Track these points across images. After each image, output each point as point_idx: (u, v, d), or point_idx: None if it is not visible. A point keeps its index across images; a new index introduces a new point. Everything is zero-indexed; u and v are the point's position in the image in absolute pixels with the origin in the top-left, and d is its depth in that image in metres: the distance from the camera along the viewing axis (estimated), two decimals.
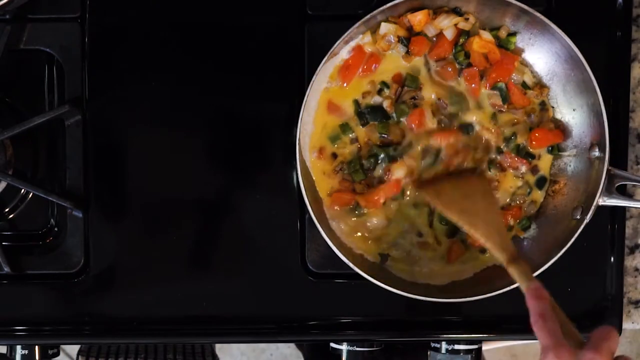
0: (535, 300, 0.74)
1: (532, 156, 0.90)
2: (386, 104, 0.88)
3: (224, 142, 0.93)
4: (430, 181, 0.89)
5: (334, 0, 0.92)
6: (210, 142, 0.93)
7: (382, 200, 0.88)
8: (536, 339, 0.71)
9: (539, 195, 0.91)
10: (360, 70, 0.88)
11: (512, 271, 0.80)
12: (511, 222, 0.91)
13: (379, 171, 0.89)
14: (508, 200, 0.91)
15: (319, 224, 0.85)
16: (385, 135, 0.88)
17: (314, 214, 0.85)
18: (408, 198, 0.89)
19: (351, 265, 0.85)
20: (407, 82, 0.88)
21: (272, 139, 0.92)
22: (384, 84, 0.88)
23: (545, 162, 0.91)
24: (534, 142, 0.90)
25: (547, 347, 0.69)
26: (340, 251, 0.85)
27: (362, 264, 0.88)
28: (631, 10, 0.92)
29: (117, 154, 0.92)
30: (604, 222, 0.93)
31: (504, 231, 0.86)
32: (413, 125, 0.88)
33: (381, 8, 0.84)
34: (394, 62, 0.88)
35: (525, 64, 0.90)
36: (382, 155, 0.88)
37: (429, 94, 0.89)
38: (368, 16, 0.84)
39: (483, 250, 0.91)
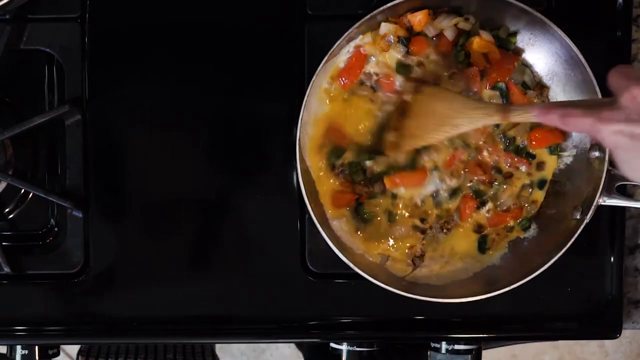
0: (549, 115, 0.73)
1: (532, 156, 0.90)
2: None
3: (224, 142, 0.93)
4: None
5: (334, 0, 0.92)
6: (210, 142, 0.93)
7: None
8: (535, 340, 0.71)
9: (539, 195, 0.91)
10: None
11: (514, 119, 0.80)
12: (511, 222, 0.91)
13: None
14: (512, 202, 0.91)
15: (319, 224, 0.85)
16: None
17: (314, 214, 0.85)
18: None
19: (351, 265, 0.85)
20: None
21: (272, 139, 0.92)
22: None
23: (550, 164, 0.91)
24: (534, 142, 0.90)
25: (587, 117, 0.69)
26: (340, 251, 0.85)
27: (362, 264, 0.88)
28: (631, 10, 0.92)
29: (117, 154, 0.92)
30: (604, 222, 0.93)
31: (478, 103, 0.85)
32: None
33: (381, 8, 0.84)
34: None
35: (525, 64, 0.90)
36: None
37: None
38: (368, 16, 0.83)
39: (483, 250, 0.91)
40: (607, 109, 0.68)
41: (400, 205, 0.90)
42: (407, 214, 0.90)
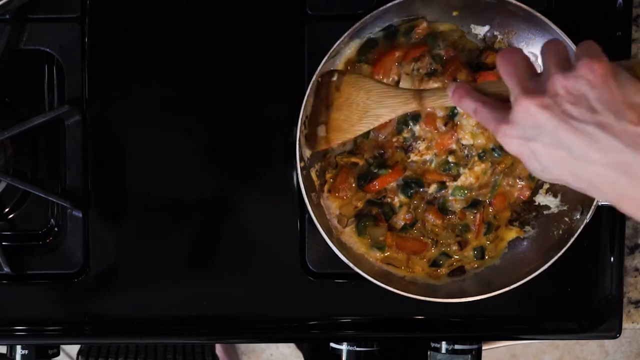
0: (463, 103, 0.70)
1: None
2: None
3: (224, 142, 0.93)
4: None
5: (334, 0, 0.92)
6: (210, 142, 0.93)
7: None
8: (535, 340, 0.71)
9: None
10: None
11: (430, 104, 0.78)
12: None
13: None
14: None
15: (319, 224, 0.85)
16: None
17: (314, 214, 0.85)
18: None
19: (351, 265, 0.85)
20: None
21: (272, 138, 0.92)
22: None
23: None
24: None
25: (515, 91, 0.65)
26: (340, 251, 0.85)
27: (362, 264, 0.88)
28: (631, 10, 0.92)
29: (117, 154, 0.92)
30: (604, 222, 0.93)
31: (395, 90, 0.82)
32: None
33: (381, 8, 0.84)
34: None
35: None
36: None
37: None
38: (367, 16, 0.84)
39: (482, 257, 0.92)
40: (504, 123, 0.66)
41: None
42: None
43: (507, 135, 0.66)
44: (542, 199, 0.92)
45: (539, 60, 0.89)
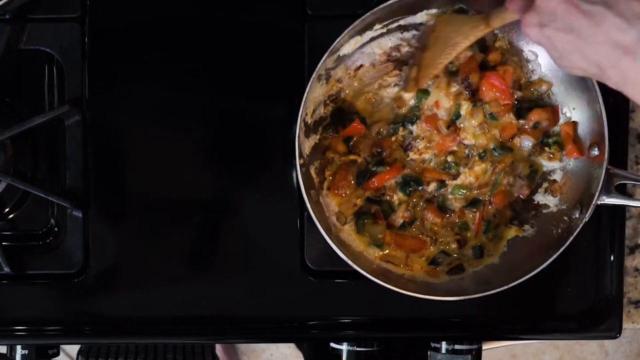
0: (513, 3, 0.77)
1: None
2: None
3: (224, 141, 0.93)
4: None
5: (334, 0, 0.92)
6: (210, 142, 0.93)
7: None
8: (535, 340, 0.71)
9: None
10: None
11: (495, 22, 0.82)
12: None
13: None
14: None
15: (318, 221, 0.85)
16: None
17: (313, 211, 0.85)
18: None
19: (350, 262, 0.85)
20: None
21: (272, 138, 0.92)
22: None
23: None
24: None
25: None
26: (339, 248, 0.85)
27: (361, 262, 0.88)
28: None
29: (117, 154, 0.92)
30: (604, 222, 0.93)
31: (468, 17, 0.86)
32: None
33: (381, 6, 0.84)
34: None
35: (527, 59, 0.90)
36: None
37: None
38: (366, 15, 0.84)
39: (481, 255, 0.92)
40: (528, 12, 0.73)
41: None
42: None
43: (528, 23, 0.73)
44: (541, 197, 0.92)
45: (539, 59, 0.89)
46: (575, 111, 0.89)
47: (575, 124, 0.88)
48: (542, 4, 0.71)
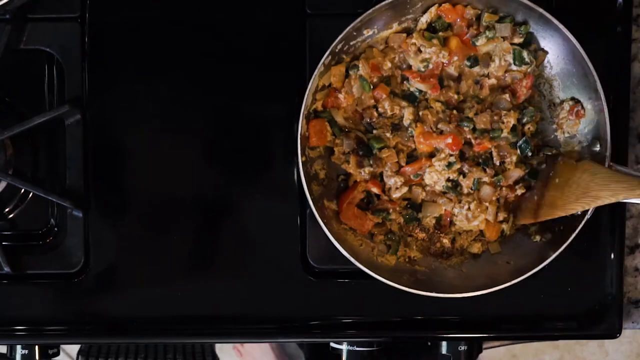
0: None
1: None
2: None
3: (224, 141, 0.93)
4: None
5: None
6: (210, 141, 0.93)
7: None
8: (535, 340, 0.71)
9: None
10: None
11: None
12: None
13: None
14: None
15: (320, 218, 0.85)
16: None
17: (315, 208, 0.85)
18: None
19: (352, 259, 0.85)
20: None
21: (273, 137, 0.92)
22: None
23: None
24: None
25: None
26: (340, 244, 0.85)
27: (363, 259, 0.88)
28: (631, 10, 0.93)
29: (117, 154, 0.92)
30: (604, 221, 0.93)
31: (621, 176, 0.84)
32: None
33: (379, 5, 0.84)
34: None
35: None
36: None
37: None
38: (366, 14, 0.84)
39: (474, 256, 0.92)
40: None
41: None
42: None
43: None
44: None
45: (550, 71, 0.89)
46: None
47: None
48: None
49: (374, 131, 0.89)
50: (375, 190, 0.89)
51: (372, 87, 0.88)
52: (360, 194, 0.90)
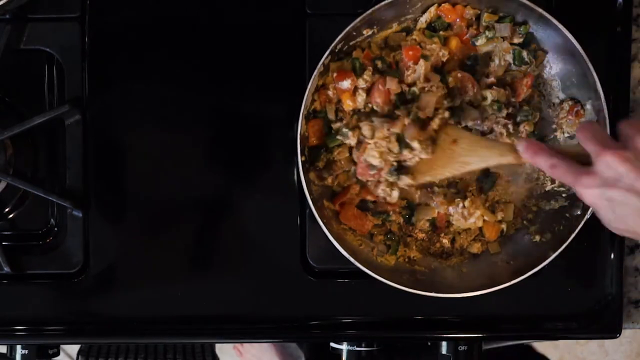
0: (536, 154, 0.75)
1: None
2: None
3: (224, 141, 0.93)
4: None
5: None
6: (210, 141, 0.93)
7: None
8: (535, 340, 0.71)
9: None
10: None
11: (511, 159, 0.79)
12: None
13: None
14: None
15: (320, 218, 0.85)
16: None
17: (315, 208, 0.85)
18: None
19: (352, 259, 0.85)
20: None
21: (273, 137, 0.92)
22: None
23: None
24: None
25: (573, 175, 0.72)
26: (339, 244, 0.85)
27: (363, 259, 0.88)
28: (631, 10, 0.93)
29: (117, 154, 0.92)
30: None
31: (489, 141, 0.84)
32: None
33: (379, 5, 0.84)
34: None
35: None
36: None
37: None
38: (365, 14, 0.84)
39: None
40: (585, 175, 0.71)
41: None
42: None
43: (587, 185, 0.71)
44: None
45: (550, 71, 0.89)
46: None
47: None
48: (606, 170, 0.70)
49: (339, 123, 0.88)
50: (369, 197, 0.89)
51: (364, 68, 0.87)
52: (356, 197, 0.90)
